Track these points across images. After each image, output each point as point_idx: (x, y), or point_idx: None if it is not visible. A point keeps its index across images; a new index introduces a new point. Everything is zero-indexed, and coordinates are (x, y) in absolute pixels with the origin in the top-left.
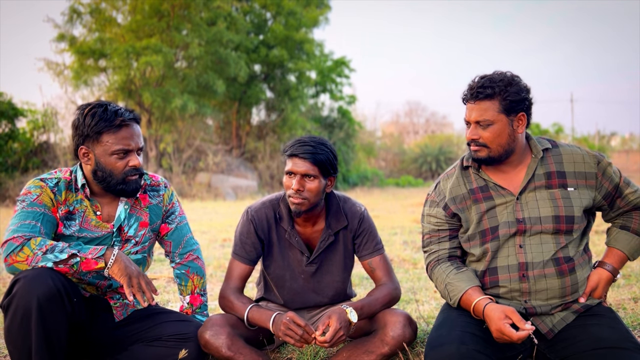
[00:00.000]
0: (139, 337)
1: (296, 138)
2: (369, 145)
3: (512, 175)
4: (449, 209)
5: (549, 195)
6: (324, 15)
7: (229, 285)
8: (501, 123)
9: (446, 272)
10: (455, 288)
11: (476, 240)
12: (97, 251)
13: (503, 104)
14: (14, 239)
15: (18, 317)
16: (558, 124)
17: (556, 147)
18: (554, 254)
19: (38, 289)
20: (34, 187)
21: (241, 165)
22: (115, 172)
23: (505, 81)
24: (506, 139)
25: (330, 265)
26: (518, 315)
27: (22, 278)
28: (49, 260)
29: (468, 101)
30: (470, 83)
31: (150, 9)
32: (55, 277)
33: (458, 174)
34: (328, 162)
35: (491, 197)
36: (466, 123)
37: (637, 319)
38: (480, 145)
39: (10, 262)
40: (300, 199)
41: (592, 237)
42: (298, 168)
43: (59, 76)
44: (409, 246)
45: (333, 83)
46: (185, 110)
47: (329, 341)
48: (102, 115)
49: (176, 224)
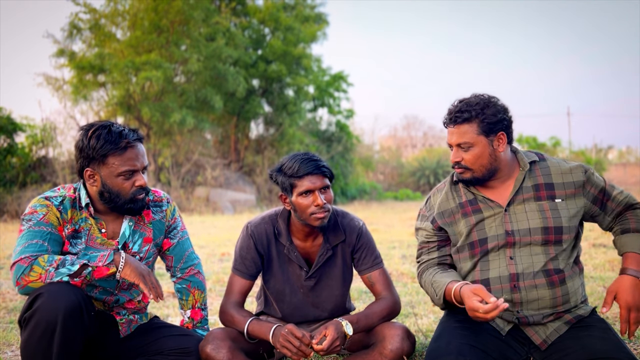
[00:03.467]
0: (140, 352)
1: (295, 159)
2: (367, 158)
3: (501, 189)
4: (435, 223)
5: (537, 207)
6: (322, 30)
7: (230, 300)
8: (481, 144)
9: (432, 274)
10: (439, 285)
11: (465, 253)
12: (106, 258)
13: (481, 126)
14: (21, 261)
15: (39, 332)
16: (555, 137)
17: (544, 160)
18: (544, 265)
19: (62, 304)
20: (40, 206)
21: (239, 180)
22: (122, 193)
23: (481, 104)
24: (487, 159)
25: (329, 279)
26: (485, 291)
27: (45, 293)
28: (62, 274)
29: (448, 125)
30: (450, 107)
31: (150, 24)
32: (76, 290)
33: (447, 189)
34: (330, 171)
35: (480, 210)
36: (449, 146)
37: None
38: (463, 167)
39: (23, 284)
40: (326, 212)
41: (589, 251)
42: (316, 184)
43: (58, 91)
44: (407, 260)
45: (331, 97)
46: (183, 125)
47: (325, 349)
48: (107, 137)
49: (178, 239)
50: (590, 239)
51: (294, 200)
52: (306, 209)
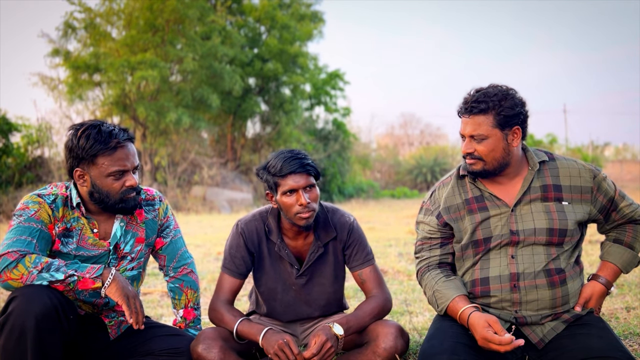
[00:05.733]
0: (131, 352)
1: (279, 157)
2: (364, 157)
3: (508, 187)
4: (441, 218)
5: (544, 208)
6: (318, 29)
7: (219, 298)
8: (495, 137)
9: (435, 279)
10: (443, 296)
11: (469, 251)
12: (95, 270)
13: (497, 118)
14: (8, 254)
15: (14, 337)
16: (552, 134)
17: (553, 160)
18: (545, 265)
19: (35, 308)
20: (32, 203)
21: (236, 178)
22: (112, 193)
23: (499, 96)
24: (501, 152)
25: (321, 277)
26: (499, 325)
27: (19, 296)
28: (44, 279)
29: (463, 115)
30: (466, 96)
31: (145, 23)
32: (52, 294)
33: (454, 183)
34: (316, 168)
35: (486, 208)
36: (461, 136)
37: (629, 329)
38: (475, 158)
39: (4, 279)
40: (310, 211)
41: (585, 247)
42: (300, 182)
43: (53, 91)
44: (403, 258)
45: (327, 96)
46: (179, 124)
47: (315, 353)
48: (97, 137)
49: (171, 238)
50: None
51: (279, 199)
52: (290, 208)
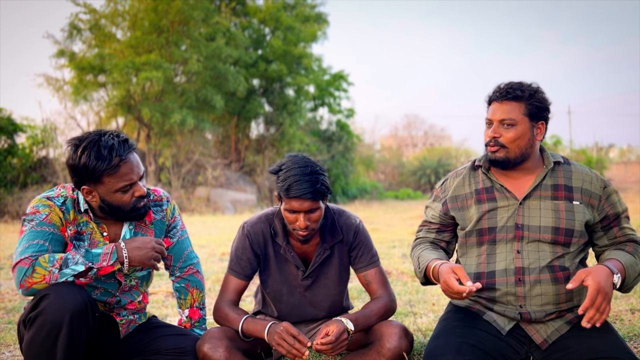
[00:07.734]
0: (138, 351)
1: (290, 172)
2: (367, 158)
3: (520, 182)
4: (445, 206)
5: (552, 206)
6: (322, 30)
7: (224, 299)
8: (524, 125)
9: (423, 248)
10: (424, 259)
11: (473, 238)
12: (109, 257)
13: (529, 107)
14: (22, 262)
15: (44, 332)
16: (556, 135)
17: (568, 164)
18: (550, 261)
19: (70, 305)
20: (42, 206)
21: (240, 179)
22: (122, 205)
23: (533, 88)
24: (526, 142)
25: (326, 278)
26: (464, 272)
27: (51, 293)
28: (67, 275)
29: (495, 101)
30: (500, 84)
31: (150, 25)
32: (82, 292)
33: (466, 174)
34: (326, 189)
35: (494, 199)
36: (487, 123)
37: (633, 330)
38: (499, 144)
39: (27, 286)
40: (307, 231)
41: (591, 253)
42: (303, 206)
43: (58, 92)
44: (407, 259)
45: (331, 97)
46: (184, 125)
47: (333, 341)
48: (98, 155)
49: (177, 238)
50: None
51: (282, 209)
52: (290, 223)
